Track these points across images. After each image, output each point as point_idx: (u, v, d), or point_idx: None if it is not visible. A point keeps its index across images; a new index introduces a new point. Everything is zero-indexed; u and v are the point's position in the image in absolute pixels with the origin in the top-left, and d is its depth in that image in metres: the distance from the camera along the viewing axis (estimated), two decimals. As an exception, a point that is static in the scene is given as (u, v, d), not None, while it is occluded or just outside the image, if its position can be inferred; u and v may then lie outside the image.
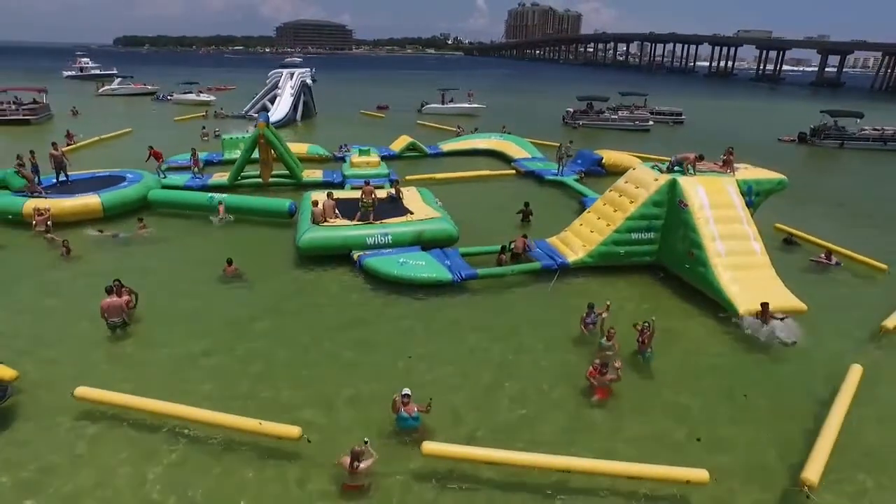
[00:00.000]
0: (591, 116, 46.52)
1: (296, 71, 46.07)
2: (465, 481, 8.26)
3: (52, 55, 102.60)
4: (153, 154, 23.47)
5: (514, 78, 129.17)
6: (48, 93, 47.85)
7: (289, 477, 8.32)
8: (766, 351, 11.84)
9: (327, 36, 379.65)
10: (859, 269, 16.71)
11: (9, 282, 14.47)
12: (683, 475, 8.01)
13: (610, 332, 11.39)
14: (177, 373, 10.82)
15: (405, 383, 9.62)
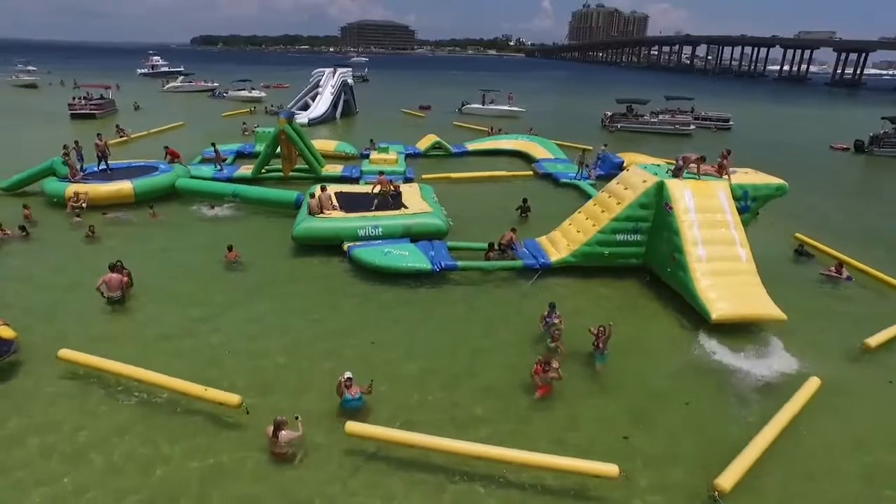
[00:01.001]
0: (630, 120, 45.63)
1: (337, 70, 47.54)
2: (389, 462, 8.70)
3: (134, 55, 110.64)
4: (169, 153, 24.99)
5: (568, 81, 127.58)
6: (118, 89, 51.66)
7: (225, 440, 9.05)
8: (729, 362, 11.55)
9: (390, 36, 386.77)
10: (872, 285, 15.94)
11: (34, 256, 16.07)
12: (593, 469, 8.13)
13: (555, 334, 11.54)
14: (157, 342, 11.83)
15: (361, 366, 10.30)
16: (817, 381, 10.61)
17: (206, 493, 8.00)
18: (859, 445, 9.33)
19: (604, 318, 12.70)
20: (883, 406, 10.46)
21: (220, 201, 21.00)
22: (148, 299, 13.74)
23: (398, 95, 69.81)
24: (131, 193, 20.53)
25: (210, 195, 21.56)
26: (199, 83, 71.02)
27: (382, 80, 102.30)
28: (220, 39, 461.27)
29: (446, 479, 8.36)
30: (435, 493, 8.14)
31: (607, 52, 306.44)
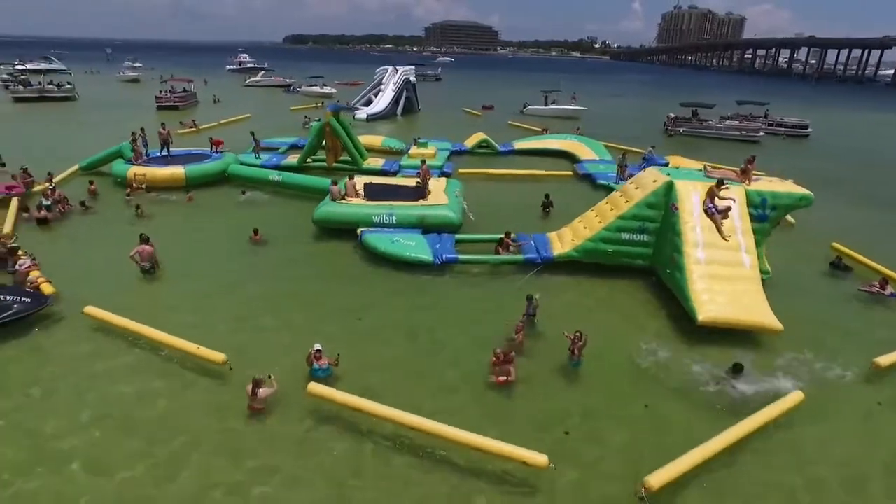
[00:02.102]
0: (693, 124, 43.78)
1: (400, 68, 48.86)
2: (344, 423, 9.38)
3: (231, 52, 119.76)
4: (214, 143, 26.83)
5: (649, 84, 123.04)
6: (206, 84, 55.45)
7: (210, 392, 10.14)
8: (710, 369, 11.22)
9: (473, 37, 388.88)
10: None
11: (88, 227, 18.14)
12: (523, 455, 8.33)
13: (518, 326, 11.73)
14: (172, 307, 13.19)
15: (341, 338, 11.27)
16: (800, 395, 10.14)
17: (188, 424, 9.31)
18: (820, 469, 8.88)
19: (595, 318, 13.08)
20: (866, 431, 9.85)
21: (251, 188, 22.54)
22: (175, 270, 15.21)
23: (466, 95, 70.40)
24: (183, 177, 22.52)
25: (257, 181, 23.20)
26: (277, 79, 75.13)
27: (456, 80, 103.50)
28: (310, 38, 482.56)
29: (392, 445, 8.96)
30: (377, 453, 8.78)
31: (696, 56, 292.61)
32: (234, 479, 8.21)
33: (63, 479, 8.09)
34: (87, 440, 8.88)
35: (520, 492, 8.16)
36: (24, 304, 12.34)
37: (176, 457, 8.60)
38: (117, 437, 8.94)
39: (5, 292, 12.48)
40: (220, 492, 7.98)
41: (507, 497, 8.05)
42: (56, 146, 29.89)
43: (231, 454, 8.69)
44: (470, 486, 8.21)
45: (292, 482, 8.21)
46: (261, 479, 8.23)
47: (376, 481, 8.26)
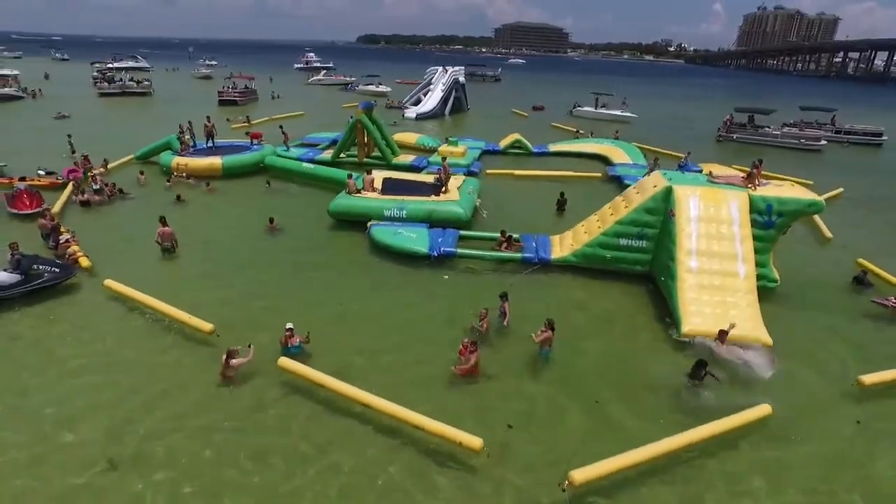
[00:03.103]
0: (748, 130, 41.80)
1: (450, 69, 49.48)
2: (309, 395, 10.07)
3: (302, 51, 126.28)
4: (252, 136, 28.28)
5: (720, 89, 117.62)
6: (271, 81, 58.08)
7: (193, 356, 11.18)
8: (682, 376, 11.02)
9: (542, 38, 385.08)
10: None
11: (129, 211, 19.84)
12: (459, 437, 8.67)
13: (482, 313, 12.01)
14: (185, 283, 14.51)
15: (319, 318, 12.21)
16: (767, 409, 9.86)
17: (173, 377, 10.55)
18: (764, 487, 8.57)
19: (576, 316, 13.30)
20: (836, 450, 9.42)
21: (286, 179, 23.81)
22: (194, 251, 16.50)
23: (522, 96, 70.14)
24: (220, 167, 24.09)
25: (290, 172, 24.50)
26: (338, 77, 77.67)
27: (517, 81, 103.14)
28: (383, 38, 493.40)
29: (348, 418, 9.54)
30: (329, 424, 9.39)
31: (779, 60, 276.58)
32: (199, 423, 9.31)
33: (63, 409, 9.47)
34: (78, 384, 10.27)
35: (460, 474, 8.46)
36: (54, 273, 13.86)
37: (153, 399, 9.84)
38: (107, 382, 10.27)
39: (40, 262, 13.99)
40: (183, 433, 9.04)
41: (445, 478, 8.38)
42: (127, 136, 32.39)
43: (199, 404, 9.78)
44: (421, 464, 8.63)
45: (238, 431, 9.18)
46: (217, 426, 9.26)
47: (322, 447, 8.84)
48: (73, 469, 8.27)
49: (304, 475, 8.31)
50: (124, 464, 8.39)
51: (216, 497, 7.90)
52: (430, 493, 8.12)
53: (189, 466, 8.39)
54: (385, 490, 8.13)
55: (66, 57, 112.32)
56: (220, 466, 8.44)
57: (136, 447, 8.72)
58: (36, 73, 73.95)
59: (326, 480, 8.24)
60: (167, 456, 8.57)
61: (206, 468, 8.40)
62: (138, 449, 8.69)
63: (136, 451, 8.65)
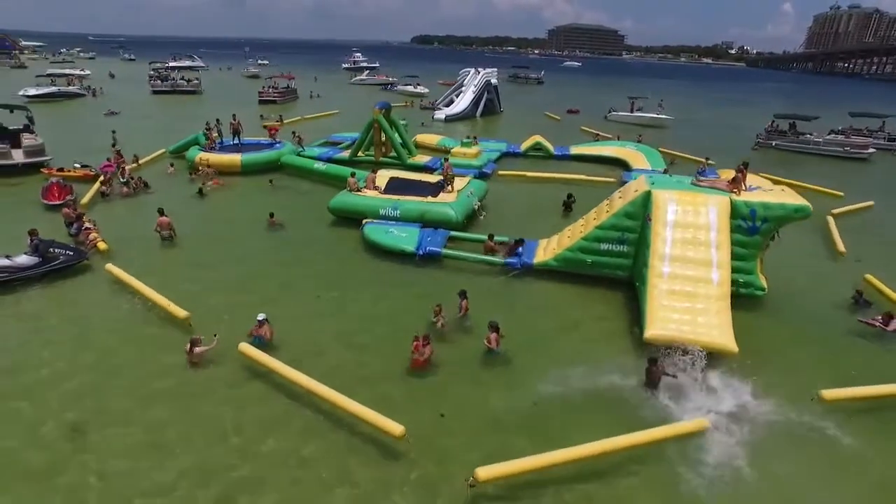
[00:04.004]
0: (789, 137, 40.10)
1: (482, 70, 49.72)
2: (266, 380, 10.68)
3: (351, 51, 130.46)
4: (269, 129, 29.48)
5: (780, 94, 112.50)
6: (316, 80, 59.86)
7: (165, 339, 11.99)
8: (632, 384, 10.96)
9: (597, 40, 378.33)
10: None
11: (150, 203, 21.11)
12: (381, 422, 9.06)
13: (436, 309, 12.33)
14: (179, 270, 15.48)
15: (296, 308, 13.03)
16: (703, 423, 9.64)
17: (145, 357, 11.44)
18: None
19: (543, 324, 13.37)
20: (775, 471, 9.10)
21: (290, 177, 25.03)
22: (194, 241, 17.61)
23: (562, 98, 69.38)
24: (239, 164, 25.39)
25: (303, 171, 25.51)
26: (380, 77, 79.20)
27: (560, 83, 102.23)
28: (436, 39, 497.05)
29: (290, 401, 10.13)
30: (273, 406, 10.01)
31: (851, 62, 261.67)
32: (151, 389, 10.41)
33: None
34: (47, 354, 11.37)
35: (377, 458, 8.87)
36: (69, 256, 15.22)
37: (116, 370, 10.96)
38: (82, 355, 11.37)
39: (56, 246, 15.29)
40: (134, 398, 9.99)
41: (362, 459, 8.83)
42: (168, 131, 34.02)
43: (154, 376, 10.77)
44: (344, 447, 9.10)
45: (182, 406, 9.94)
46: (167, 398, 10.16)
47: (255, 425, 9.46)
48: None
49: (224, 450, 8.97)
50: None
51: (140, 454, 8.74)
52: (342, 474, 8.54)
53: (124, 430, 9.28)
54: (299, 468, 8.64)
55: (133, 57, 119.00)
56: (154, 432, 9.28)
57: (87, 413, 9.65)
58: (104, 72, 79.07)
59: (247, 457, 8.83)
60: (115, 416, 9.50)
61: (140, 434, 9.23)
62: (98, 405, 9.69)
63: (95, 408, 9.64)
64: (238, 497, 8.12)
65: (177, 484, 8.30)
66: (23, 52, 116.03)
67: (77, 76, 61.62)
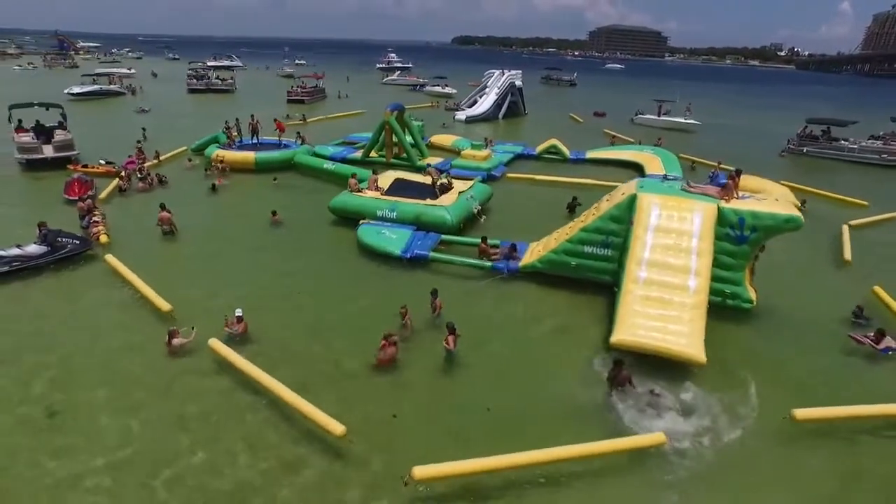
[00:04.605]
0: (822, 144, 38.57)
1: (507, 72, 49.60)
2: (231, 374, 11.02)
3: (399, 51, 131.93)
4: (277, 126, 30.31)
5: (820, 97, 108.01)
6: (348, 80, 60.83)
7: (145, 331, 12.51)
8: (593, 396, 10.82)
9: (639, 41, 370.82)
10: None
11: (163, 197, 21.87)
12: (324, 420, 9.27)
13: (402, 311, 12.53)
14: (174, 263, 16.21)
15: (273, 302, 13.61)
16: (661, 437, 9.41)
17: (126, 344, 12.04)
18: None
19: (512, 326, 13.46)
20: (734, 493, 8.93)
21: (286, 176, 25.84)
22: (195, 236, 18.33)
23: (592, 101, 68.25)
24: (253, 162, 26.20)
25: (314, 170, 26.10)
26: (411, 78, 79.94)
27: (594, 84, 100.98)
28: (477, 40, 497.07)
29: (258, 396, 10.42)
30: (238, 398, 10.41)
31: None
32: (125, 376, 10.97)
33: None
34: (45, 331, 12.32)
35: (329, 456, 9.09)
36: (75, 245, 16.15)
37: (96, 354, 11.66)
38: (70, 336, 12.26)
39: (63, 236, 16.17)
40: (108, 384, 10.41)
41: (316, 457, 9.05)
42: (196, 128, 34.99)
43: (131, 363, 11.39)
44: (289, 443, 9.36)
45: (158, 396, 10.39)
46: (139, 386, 10.66)
47: (206, 417, 9.85)
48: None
49: (182, 437, 9.39)
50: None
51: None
52: (290, 467, 8.81)
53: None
54: (249, 456, 8.95)
55: (177, 57, 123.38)
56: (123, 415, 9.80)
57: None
58: (148, 71, 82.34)
59: (201, 445, 9.21)
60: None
61: (106, 418, 9.78)
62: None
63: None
64: (188, 479, 8.51)
65: (133, 461, 8.80)
66: (78, 52, 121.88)
67: (118, 75, 64.29)
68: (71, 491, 8.25)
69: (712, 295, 13.47)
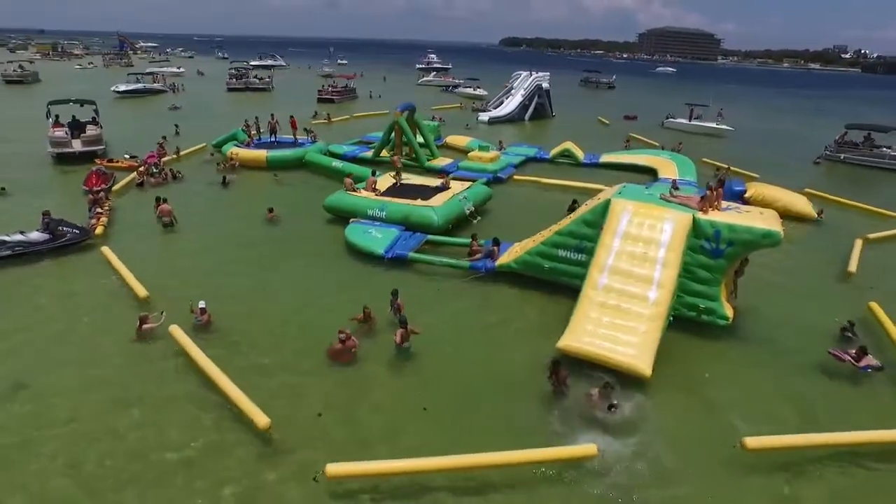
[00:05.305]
0: (861, 151, 36.56)
1: (534, 73, 49.19)
2: (188, 363, 11.46)
3: (443, 52, 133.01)
4: (292, 124, 30.93)
5: (877, 102, 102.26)
6: (385, 80, 61.61)
7: (122, 314, 13.17)
8: (531, 408, 10.63)
9: (690, 44, 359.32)
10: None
11: (174, 191, 22.94)
12: (251, 410, 9.56)
13: (365, 311, 12.72)
14: (172, 257, 17.00)
15: (242, 295, 14.15)
16: (593, 449, 9.13)
17: (100, 325, 12.80)
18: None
19: (471, 329, 13.46)
20: None
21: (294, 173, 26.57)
22: (192, 229, 19.09)
23: (627, 103, 67.06)
24: (264, 160, 27.01)
25: (323, 168, 26.66)
26: (446, 79, 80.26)
27: (635, 86, 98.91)
28: (524, 41, 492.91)
29: (200, 382, 10.83)
30: (188, 382, 10.86)
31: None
32: (92, 355, 11.71)
33: None
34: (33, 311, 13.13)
35: (253, 445, 9.35)
36: (75, 234, 17.10)
37: (67, 332, 12.52)
38: (54, 316, 13.15)
39: (64, 225, 17.13)
40: (75, 363, 10.90)
41: (242, 445, 9.33)
42: (223, 126, 35.84)
43: (99, 345, 12.08)
44: (215, 432, 9.66)
45: (118, 373, 10.87)
46: (103, 365, 11.35)
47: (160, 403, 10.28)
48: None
49: (124, 416, 9.90)
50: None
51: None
52: (213, 452, 9.14)
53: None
54: (168, 445, 9.30)
55: (227, 56, 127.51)
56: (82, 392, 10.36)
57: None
58: (196, 70, 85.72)
59: (143, 426, 9.68)
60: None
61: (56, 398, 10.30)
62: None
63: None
64: (118, 455, 8.97)
65: (75, 433, 9.40)
66: (136, 52, 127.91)
67: (163, 74, 67.09)
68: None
69: (686, 309, 13.23)
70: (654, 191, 15.11)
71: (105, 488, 8.40)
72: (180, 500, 8.25)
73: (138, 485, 8.46)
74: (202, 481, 8.58)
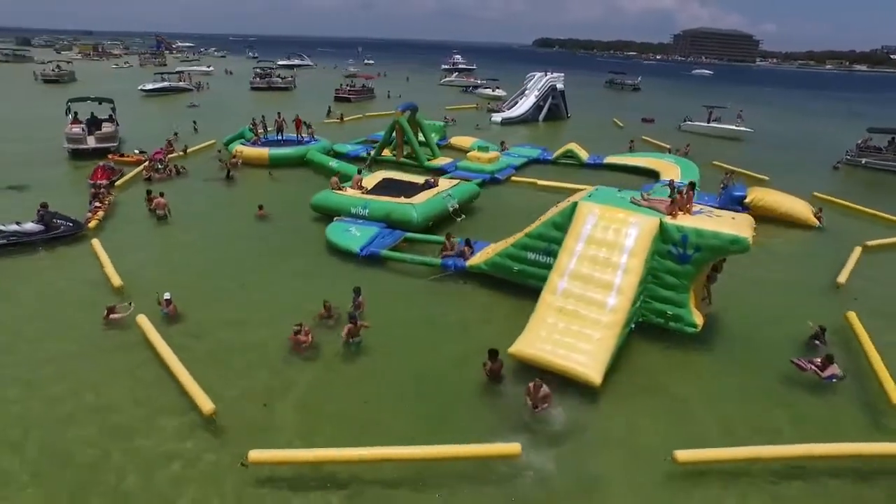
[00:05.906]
0: (885, 156, 35.18)
1: (549, 74, 48.84)
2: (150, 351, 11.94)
3: (473, 52, 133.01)
4: (296, 122, 31.32)
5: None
6: (408, 80, 62.06)
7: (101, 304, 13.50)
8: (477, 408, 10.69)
9: (726, 45, 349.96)
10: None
11: (176, 186, 23.60)
12: (197, 395, 9.93)
13: (326, 306, 12.98)
14: (157, 249, 17.68)
15: (216, 286, 14.71)
16: (516, 448, 9.05)
17: (76, 313, 13.36)
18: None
19: (434, 328, 13.55)
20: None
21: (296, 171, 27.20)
22: (185, 223, 19.70)
23: (649, 106, 65.95)
24: (267, 157, 27.62)
25: (322, 166, 27.10)
26: (467, 79, 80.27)
27: (660, 88, 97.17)
28: (557, 42, 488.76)
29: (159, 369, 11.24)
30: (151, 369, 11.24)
31: None
32: (60, 338, 12.34)
33: None
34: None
35: (194, 430, 9.66)
36: (68, 226, 17.82)
37: (41, 314, 13.27)
38: (33, 302, 13.85)
39: (58, 217, 17.88)
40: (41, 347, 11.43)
41: (185, 429, 9.66)
42: (237, 124, 36.56)
43: (69, 331, 12.64)
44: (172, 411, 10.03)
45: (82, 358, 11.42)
46: (68, 351, 11.82)
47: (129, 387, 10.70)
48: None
49: (81, 400, 10.29)
50: None
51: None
52: (148, 433, 9.51)
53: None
54: (128, 415, 9.83)
55: (257, 55, 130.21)
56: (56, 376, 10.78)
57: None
58: (226, 69, 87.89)
59: (99, 410, 10.07)
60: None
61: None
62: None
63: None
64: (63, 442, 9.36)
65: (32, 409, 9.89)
66: (171, 52, 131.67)
67: (189, 73, 68.88)
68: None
69: (653, 315, 13.06)
70: (627, 194, 14.88)
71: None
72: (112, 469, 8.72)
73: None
74: (136, 457, 8.97)
